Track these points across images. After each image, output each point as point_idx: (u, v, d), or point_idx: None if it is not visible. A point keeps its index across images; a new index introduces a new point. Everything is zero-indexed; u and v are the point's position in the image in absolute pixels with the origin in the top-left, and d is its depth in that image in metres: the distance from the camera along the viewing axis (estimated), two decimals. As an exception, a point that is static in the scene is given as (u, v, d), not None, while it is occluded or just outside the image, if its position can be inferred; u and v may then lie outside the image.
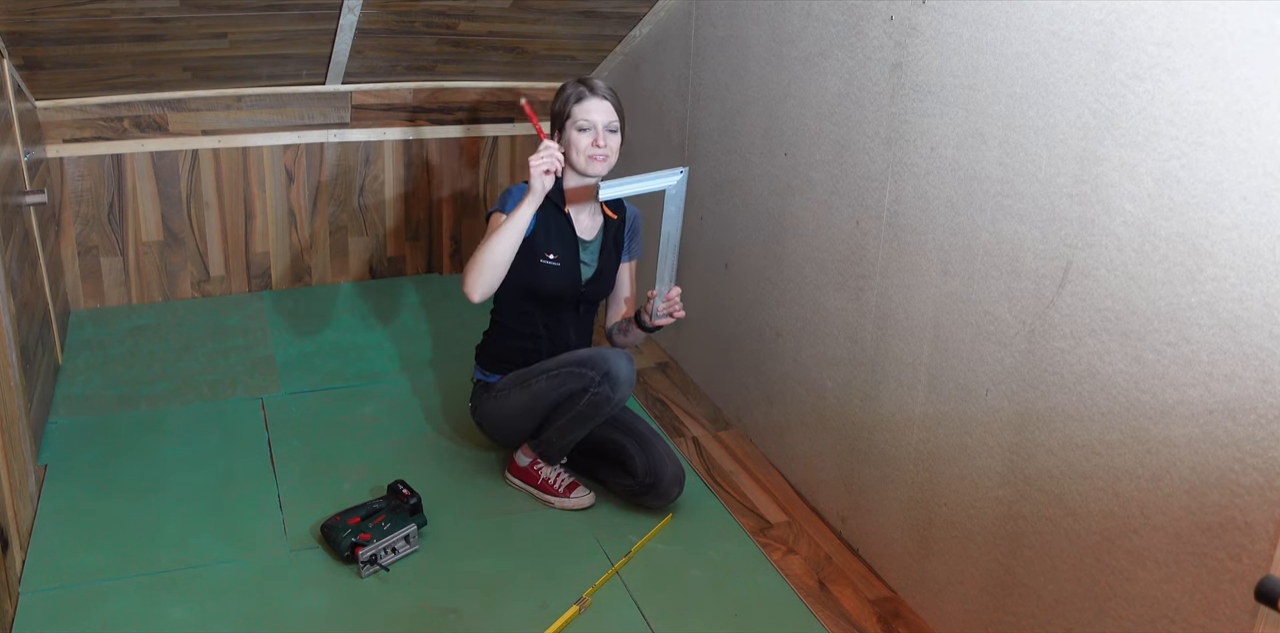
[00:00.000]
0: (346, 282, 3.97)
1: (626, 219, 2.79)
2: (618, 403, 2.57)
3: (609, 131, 2.60)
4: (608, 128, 2.59)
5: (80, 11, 2.79)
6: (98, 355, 3.37)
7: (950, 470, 2.19)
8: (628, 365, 2.55)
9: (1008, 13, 1.90)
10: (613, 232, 2.75)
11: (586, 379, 2.54)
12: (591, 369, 2.54)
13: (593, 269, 2.74)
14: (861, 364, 2.45)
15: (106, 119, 3.46)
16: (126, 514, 2.60)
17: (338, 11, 3.04)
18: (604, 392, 2.53)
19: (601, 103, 2.59)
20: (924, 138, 2.16)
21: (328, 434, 2.99)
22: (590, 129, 2.58)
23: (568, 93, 2.62)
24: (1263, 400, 1.51)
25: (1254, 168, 1.49)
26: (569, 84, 2.64)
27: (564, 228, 2.67)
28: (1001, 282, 1.99)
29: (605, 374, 2.53)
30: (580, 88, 2.60)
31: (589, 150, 2.58)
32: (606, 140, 2.59)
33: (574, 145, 2.59)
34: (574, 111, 2.59)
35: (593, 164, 2.60)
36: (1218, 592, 1.61)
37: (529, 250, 2.62)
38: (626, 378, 2.54)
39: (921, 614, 2.34)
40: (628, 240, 2.80)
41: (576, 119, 2.58)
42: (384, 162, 3.85)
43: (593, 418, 2.59)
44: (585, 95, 2.59)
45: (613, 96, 2.62)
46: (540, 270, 2.65)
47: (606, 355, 2.56)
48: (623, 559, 2.49)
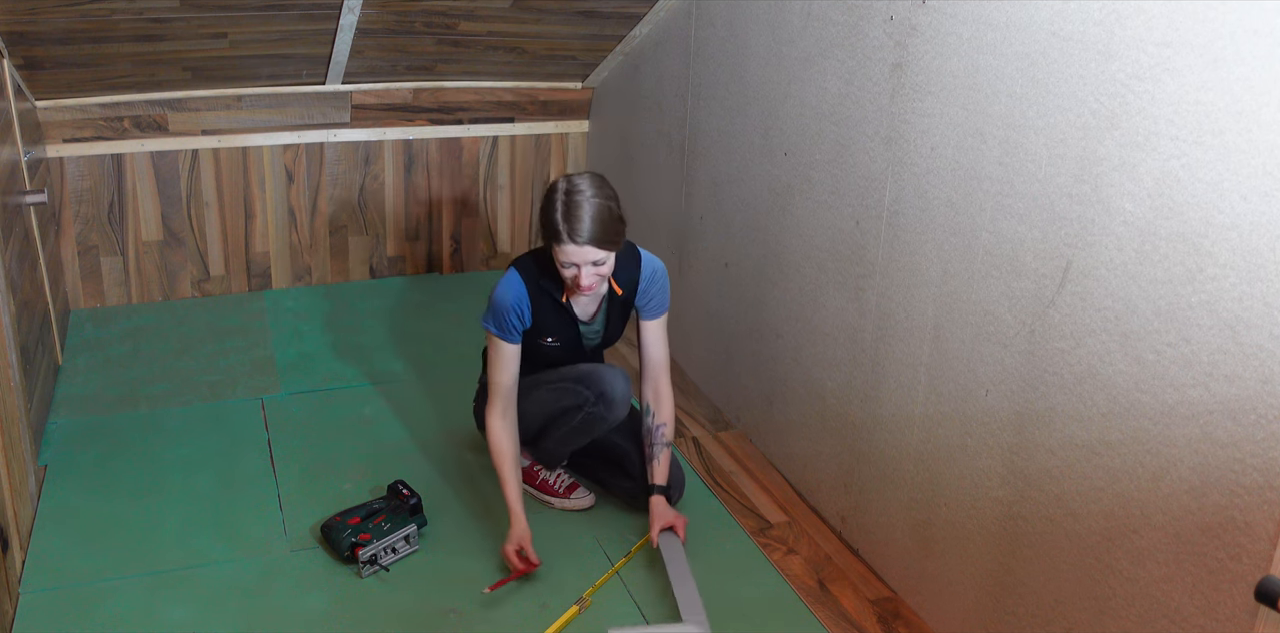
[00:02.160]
0: (346, 282, 3.97)
1: (641, 281, 2.58)
2: (613, 421, 2.56)
3: (594, 266, 2.36)
4: (593, 264, 2.35)
5: (80, 11, 2.79)
6: (98, 355, 3.37)
7: (950, 470, 2.19)
8: (624, 385, 2.53)
9: (1008, 13, 1.90)
10: (619, 303, 2.60)
11: (582, 397, 2.53)
12: (587, 388, 2.52)
13: (598, 337, 2.65)
14: (861, 364, 2.45)
15: (106, 119, 3.46)
16: (126, 514, 2.60)
17: (338, 11, 3.04)
18: (599, 412, 2.52)
19: (583, 249, 2.31)
20: (924, 138, 2.16)
21: (328, 434, 2.99)
22: (572, 267, 2.36)
23: (552, 220, 2.33)
24: (1263, 400, 1.51)
25: (1254, 168, 1.49)
26: (558, 204, 2.33)
27: (562, 315, 2.55)
28: (1001, 282, 1.99)
29: (600, 395, 2.51)
30: (564, 227, 2.31)
31: (574, 286, 2.39)
32: (593, 275, 2.36)
33: (560, 267, 2.38)
34: (555, 251, 2.35)
35: (575, 293, 2.44)
36: (1218, 592, 1.61)
37: (529, 330, 2.53)
38: (622, 398, 2.53)
39: (921, 614, 2.34)
40: (643, 300, 2.60)
41: (557, 257, 2.36)
42: (384, 162, 3.85)
43: (587, 435, 2.59)
44: (565, 240, 2.31)
45: (596, 230, 2.31)
46: (541, 349, 2.59)
47: (602, 376, 2.52)
48: (623, 559, 2.49)
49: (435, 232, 4.02)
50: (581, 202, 2.32)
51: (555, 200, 2.34)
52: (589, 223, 2.31)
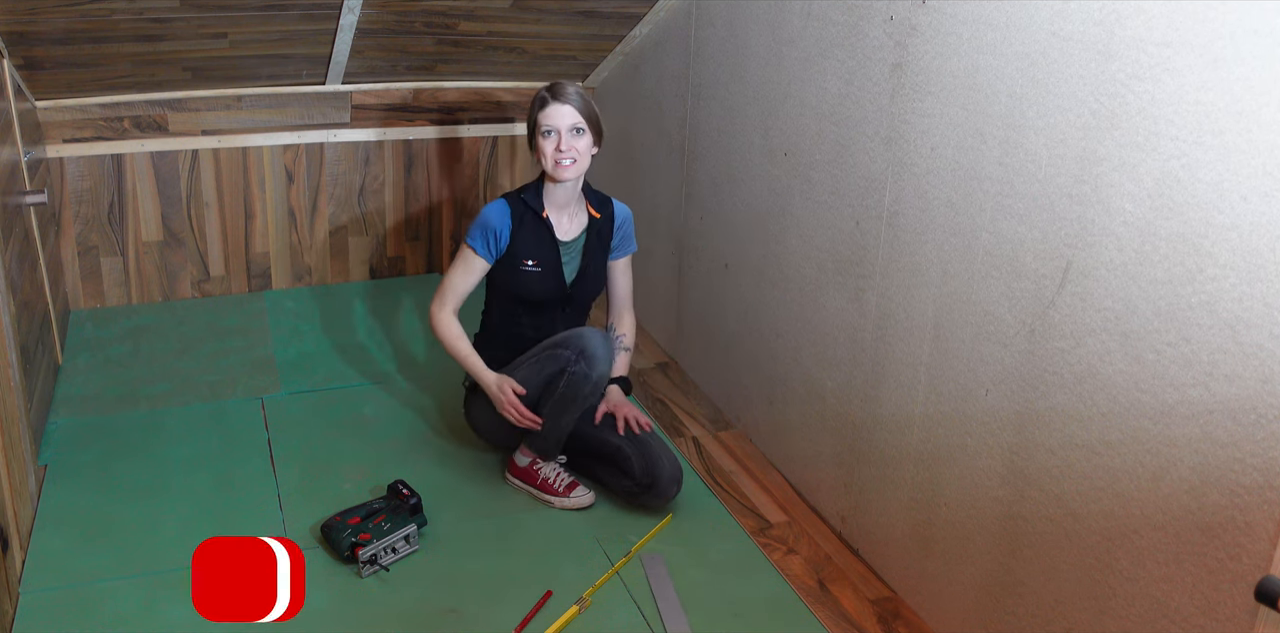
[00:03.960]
0: (346, 282, 3.97)
1: (615, 217, 2.79)
2: (597, 380, 2.59)
3: (573, 133, 2.58)
4: (572, 130, 2.58)
5: (80, 11, 2.78)
6: (98, 355, 3.37)
7: (950, 471, 2.19)
8: (603, 342, 2.59)
9: (1008, 13, 1.90)
10: (596, 228, 2.75)
11: (563, 359, 2.57)
12: (566, 348, 2.58)
13: (576, 269, 2.74)
14: (861, 364, 2.45)
15: (106, 119, 3.46)
16: (126, 514, 2.60)
17: (338, 11, 3.04)
18: (581, 369, 2.56)
19: (562, 107, 2.57)
20: (924, 138, 2.16)
21: (328, 434, 2.99)
22: (553, 133, 2.58)
23: (534, 100, 2.62)
24: (1263, 400, 1.51)
25: (1254, 168, 1.49)
26: (540, 91, 2.62)
27: (542, 233, 2.68)
28: (1001, 282, 1.99)
29: (580, 352, 2.56)
30: (544, 93, 2.60)
31: (554, 155, 2.58)
32: (571, 143, 2.58)
33: (542, 152, 2.60)
34: (538, 118, 2.59)
35: (559, 170, 2.59)
36: (1218, 592, 1.61)
37: (508, 258, 2.67)
38: (603, 354, 2.58)
39: (921, 614, 2.34)
40: (616, 237, 2.80)
41: (540, 125, 2.59)
42: (384, 162, 3.85)
43: (576, 399, 2.60)
44: (547, 101, 2.58)
45: (578, 99, 2.59)
46: (521, 276, 2.68)
47: (581, 333, 2.61)
48: (623, 559, 2.49)
49: (435, 232, 4.02)
50: (565, 83, 2.61)
51: (538, 92, 2.62)
52: (571, 91, 2.59)
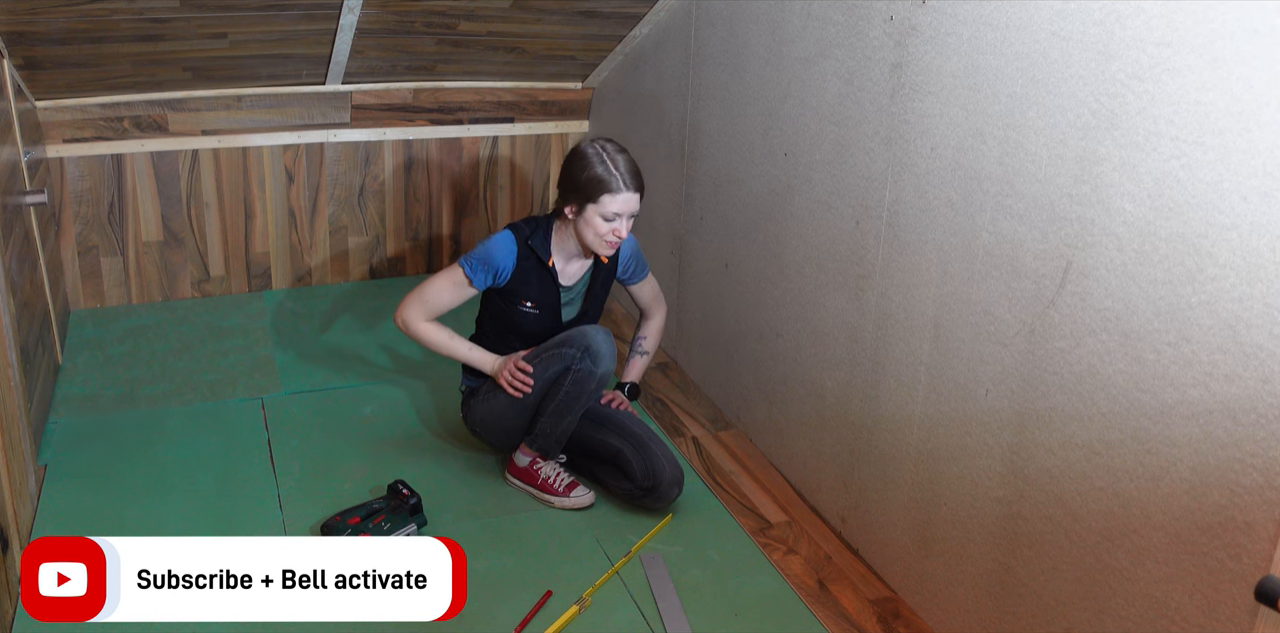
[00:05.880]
0: (346, 282, 3.97)
1: (621, 261, 2.75)
2: (601, 378, 2.59)
3: (630, 219, 2.55)
4: (630, 216, 2.54)
5: (80, 11, 2.79)
6: (98, 355, 3.37)
7: (950, 471, 2.19)
8: (607, 340, 2.58)
9: (1008, 13, 1.90)
10: (602, 273, 2.73)
11: (568, 358, 2.57)
12: (571, 347, 2.57)
13: (576, 311, 2.73)
14: (861, 364, 2.45)
15: (106, 119, 3.46)
16: (126, 514, 2.60)
17: (338, 11, 3.04)
18: (586, 367, 2.55)
19: (634, 196, 2.50)
20: (924, 138, 2.16)
21: (328, 434, 2.99)
22: (615, 220, 2.52)
23: (598, 174, 2.48)
24: (1263, 400, 1.51)
25: (1254, 168, 1.49)
26: (596, 160, 2.48)
27: (544, 277, 2.65)
28: (1001, 282, 1.99)
29: (585, 350, 2.55)
30: (614, 177, 2.47)
31: (608, 237, 2.54)
32: (626, 230, 2.56)
33: (590, 225, 2.53)
34: (605, 200, 2.49)
35: (606, 248, 2.58)
36: (1218, 592, 1.61)
37: (507, 293, 2.64)
38: (607, 352, 2.57)
39: (921, 614, 2.34)
40: (622, 269, 2.78)
41: (603, 207, 2.50)
42: (384, 162, 3.85)
43: (580, 397, 2.60)
44: (619, 188, 2.47)
45: (639, 181, 2.52)
46: (518, 315, 2.67)
47: (585, 332, 2.59)
48: (623, 559, 2.49)
49: (435, 232, 4.02)
50: (617, 155, 2.51)
51: (590, 157, 2.48)
52: (634, 169, 2.50)
